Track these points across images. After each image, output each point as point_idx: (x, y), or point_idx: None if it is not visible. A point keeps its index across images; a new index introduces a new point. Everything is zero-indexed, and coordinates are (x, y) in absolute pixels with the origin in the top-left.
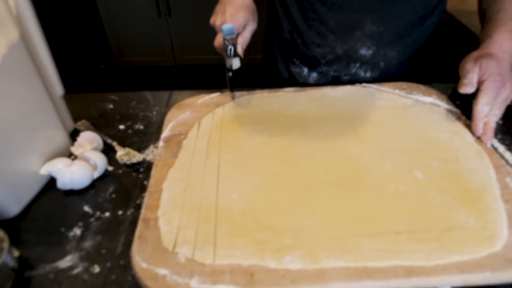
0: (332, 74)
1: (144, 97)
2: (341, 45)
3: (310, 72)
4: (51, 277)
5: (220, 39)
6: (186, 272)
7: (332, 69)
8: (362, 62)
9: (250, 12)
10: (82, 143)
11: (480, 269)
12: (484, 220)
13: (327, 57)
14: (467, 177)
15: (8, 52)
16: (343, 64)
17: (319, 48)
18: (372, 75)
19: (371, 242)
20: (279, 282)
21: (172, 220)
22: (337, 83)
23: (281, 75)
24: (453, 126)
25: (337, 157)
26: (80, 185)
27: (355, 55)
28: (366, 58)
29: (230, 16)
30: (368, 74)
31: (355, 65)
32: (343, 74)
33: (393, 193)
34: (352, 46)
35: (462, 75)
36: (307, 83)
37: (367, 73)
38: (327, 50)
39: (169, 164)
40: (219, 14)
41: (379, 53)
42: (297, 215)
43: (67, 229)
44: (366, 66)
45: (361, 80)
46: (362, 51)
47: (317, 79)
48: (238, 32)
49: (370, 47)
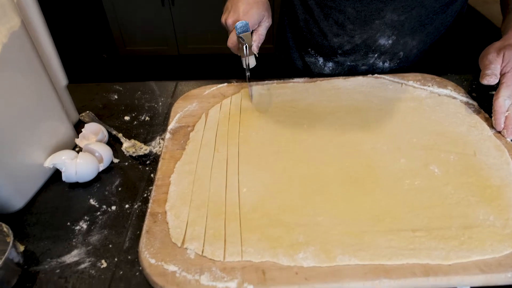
0: (349, 64)
1: (150, 88)
2: (360, 35)
3: (326, 62)
4: (58, 272)
5: (234, 38)
6: (195, 269)
7: (349, 59)
8: (381, 52)
9: (264, 8)
10: (86, 135)
11: (502, 269)
12: (504, 218)
13: (344, 47)
14: (486, 173)
15: (9, 41)
16: (361, 54)
17: (337, 38)
18: (391, 66)
19: (387, 240)
20: (292, 280)
21: (181, 215)
22: (354, 73)
23: (294, 65)
24: (470, 119)
25: (350, 151)
26: (85, 178)
27: (374, 44)
28: (385, 48)
29: (243, 12)
30: (387, 64)
31: (374, 55)
32: (360, 64)
33: (409, 188)
34: (371, 36)
35: (485, 65)
36: (322, 73)
37: (386, 63)
38: (345, 39)
39: (176, 157)
40: (231, 11)
41: (399, 43)
42: (309, 211)
43: (72, 223)
44: (385, 56)
45: (379, 70)
46: (382, 41)
47: (333, 69)
48: (253, 29)
49: (390, 37)
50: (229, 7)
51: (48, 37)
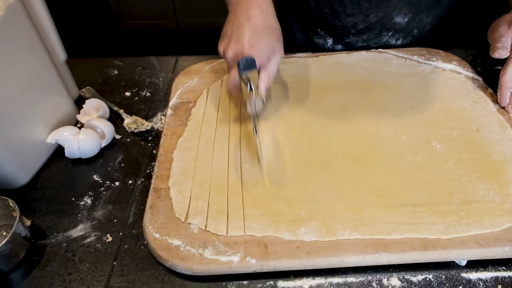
0: (360, 45)
1: (150, 63)
2: (376, 13)
3: (335, 43)
4: (64, 246)
5: (236, 77)
6: (199, 243)
7: (362, 38)
8: (396, 30)
9: (275, 37)
10: (88, 111)
11: (499, 243)
12: (504, 193)
13: (358, 27)
14: (488, 149)
15: (5, 14)
16: (375, 33)
17: (351, 18)
18: (403, 42)
19: (388, 215)
20: (294, 253)
21: (184, 190)
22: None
23: (300, 46)
24: (474, 94)
25: (352, 127)
26: (88, 154)
27: (390, 23)
28: (400, 26)
29: (249, 44)
30: (399, 41)
31: (388, 33)
32: (372, 43)
33: (411, 164)
34: (387, 14)
35: (495, 38)
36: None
37: (398, 41)
38: (360, 19)
39: (178, 133)
40: (232, 40)
41: (415, 20)
42: (311, 186)
43: (77, 198)
44: (399, 34)
45: (390, 47)
46: (398, 19)
47: (343, 49)
48: (261, 65)
49: (407, 14)
50: (228, 32)
51: (45, 11)
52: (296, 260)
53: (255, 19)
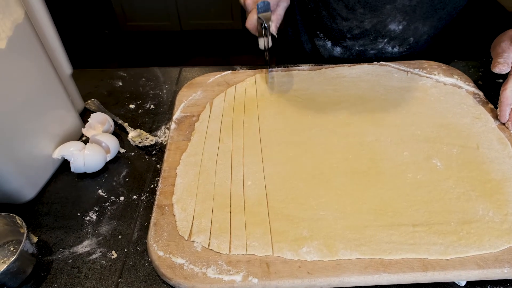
0: (358, 49)
1: (154, 74)
2: (370, 19)
3: (334, 46)
4: (70, 262)
5: (254, 18)
6: (202, 262)
7: (358, 43)
8: (391, 38)
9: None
10: (93, 125)
11: (498, 265)
12: (503, 213)
13: (354, 31)
14: (488, 167)
15: (13, 34)
16: (370, 39)
17: (346, 22)
18: (400, 50)
19: (388, 234)
20: (295, 273)
21: (187, 208)
22: (362, 58)
23: (303, 49)
24: (474, 110)
25: (354, 143)
26: (93, 168)
27: (384, 30)
28: (395, 33)
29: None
30: (396, 49)
31: (383, 40)
32: (369, 49)
33: (411, 182)
34: (381, 21)
35: (497, 53)
36: (331, 57)
37: (395, 49)
38: (354, 24)
39: (182, 148)
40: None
41: (409, 28)
42: (313, 204)
43: (82, 213)
44: (395, 42)
45: (388, 55)
46: (392, 26)
47: (341, 53)
48: (272, 9)
49: (401, 22)
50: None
51: (52, 27)
52: (297, 280)
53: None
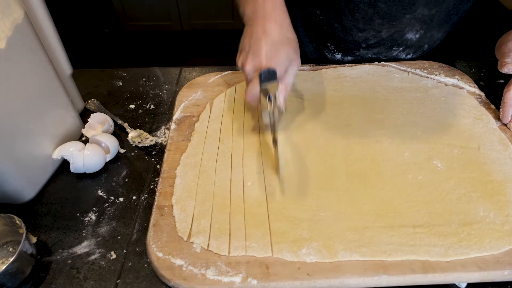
0: (370, 57)
1: (154, 74)
2: (388, 29)
3: (345, 56)
4: (69, 263)
5: (256, 90)
6: (202, 263)
7: (372, 52)
8: (406, 46)
9: (293, 49)
10: (93, 125)
11: (499, 267)
12: (504, 214)
13: (369, 41)
14: (489, 168)
15: (13, 34)
16: (385, 48)
17: (362, 33)
18: (412, 57)
19: (388, 236)
20: (295, 275)
21: (187, 208)
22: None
23: (308, 58)
24: (476, 110)
25: (354, 144)
26: (93, 169)
27: (401, 39)
28: (412, 42)
29: (267, 57)
30: (409, 56)
31: (399, 48)
32: (382, 57)
33: (412, 183)
34: (399, 30)
35: (503, 53)
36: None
37: (408, 55)
38: (371, 34)
39: (181, 149)
40: (250, 53)
41: (426, 36)
42: (313, 205)
43: (82, 214)
44: (410, 49)
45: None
46: (409, 35)
47: (352, 61)
48: (279, 77)
49: (418, 31)
50: (246, 46)
51: (52, 27)
52: (297, 282)
53: (272, 32)
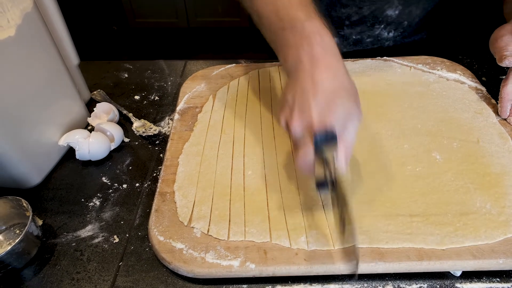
0: (354, 38)
1: (159, 66)
2: (369, 6)
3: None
4: (73, 245)
5: (310, 157)
6: (201, 247)
7: (355, 31)
8: (387, 23)
9: (352, 99)
10: (98, 114)
11: (494, 255)
12: (501, 205)
13: (352, 18)
14: (487, 160)
15: (22, 22)
16: (367, 26)
17: (345, 9)
18: (395, 35)
19: (385, 224)
20: (292, 260)
21: (188, 195)
22: (359, 46)
23: None
24: (476, 105)
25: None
26: (98, 156)
27: (381, 15)
28: (391, 18)
29: (319, 113)
30: (391, 34)
31: (380, 26)
32: (365, 36)
33: (410, 174)
34: (379, 7)
35: (500, 47)
36: None
37: (390, 33)
38: (353, 10)
39: (184, 138)
40: (296, 109)
41: (405, 12)
42: (312, 193)
43: (86, 199)
44: (390, 26)
45: (384, 40)
46: (389, 12)
47: (339, 44)
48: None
49: (397, 7)
50: (289, 100)
51: (60, 18)
52: (294, 266)
53: (323, 82)
